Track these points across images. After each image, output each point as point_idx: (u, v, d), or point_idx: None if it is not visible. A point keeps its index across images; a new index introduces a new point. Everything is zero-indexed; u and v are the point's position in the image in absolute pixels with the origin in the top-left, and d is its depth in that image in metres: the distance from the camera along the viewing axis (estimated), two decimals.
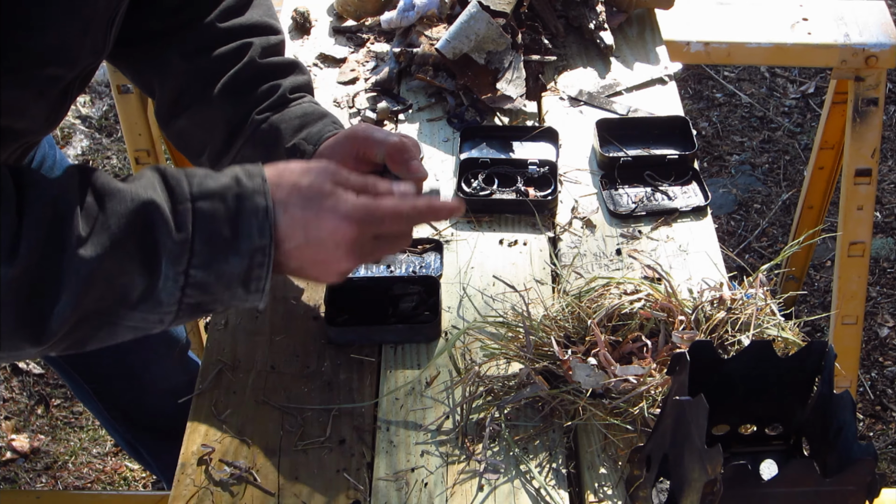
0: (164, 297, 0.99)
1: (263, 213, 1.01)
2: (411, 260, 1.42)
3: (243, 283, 1.02)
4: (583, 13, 1.86)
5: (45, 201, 0.94)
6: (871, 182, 2.24)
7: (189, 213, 0.99)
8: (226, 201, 1.00)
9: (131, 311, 0.99)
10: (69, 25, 1.04)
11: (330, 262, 1.05)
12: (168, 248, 0.97)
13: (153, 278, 0.98)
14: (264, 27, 1.32)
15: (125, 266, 0.96)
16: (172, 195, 0.99)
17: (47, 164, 1.63)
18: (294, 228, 1.03)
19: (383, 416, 1.22)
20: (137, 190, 0.98)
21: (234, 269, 1.01)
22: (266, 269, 1.02)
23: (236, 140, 1.26)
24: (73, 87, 1.16)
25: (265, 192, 1.02)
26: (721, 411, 1.09)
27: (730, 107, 3.77)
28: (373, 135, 1.16)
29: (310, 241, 1.03)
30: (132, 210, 0.97)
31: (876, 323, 3.01)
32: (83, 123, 3.74)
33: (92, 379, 1.91)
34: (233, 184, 1.02)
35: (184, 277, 0.99)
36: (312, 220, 1.03)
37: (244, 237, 1.00)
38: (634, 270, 1.39)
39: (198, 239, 0.99)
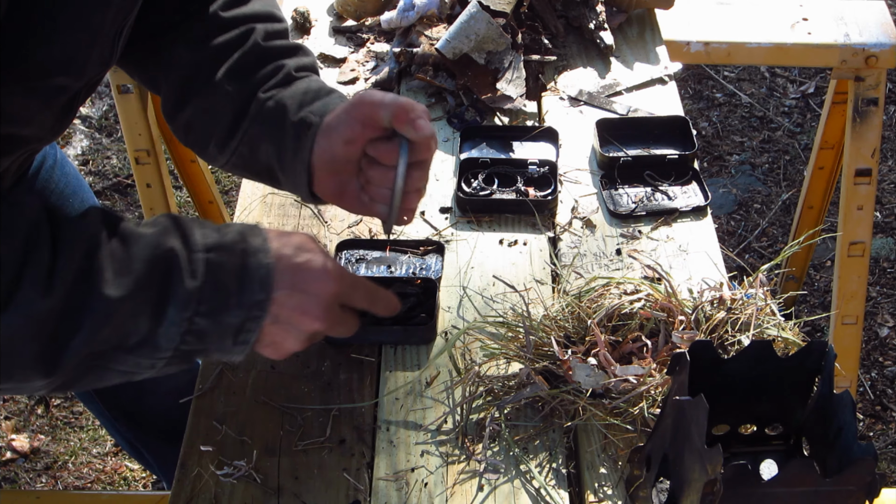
0: (163, 343, 1.02)
1: (265, 270, 1.05)
2: (412, 261, 1.41)
3: (235, 336, 1.06)
4: (583, 13, 1.86)
5: (78, 237, 0.97)
6: (871, 182, 2.24)
7: (202, 263, 1.03)
8: (233, 255, 1.05)
9: (126, 355, 1.02)
10: (77, 37, 1.05)
11: (306, 315, 1.08)
12: (179, 294, 1.01)
13: (157, 323, 1.01)
14: (267, 15, 1.32)
15: (139, 309, 0.99)
16: (187, 243, 1.03)
17: (48, 164, 1.64)
18: (284, 276, 1.07)
19: (383, 416, 1.22)
20: (159, 236, 1.02)
21: (233, 320, 1.05)
22: (258, 323, 1.06)
23: (242, 121, 1.26)
24: (80, 95, 1.17)
25: (267, 251, 1.06)
26: (721, 411, 1.09)
27: (730, 107, 3.77)
28: (377, 98, 1.16)
29: (296, 289, 1.07)
30: (157, 256, 1.00)
31: (876, 323, 3.01)
32: (83, 123, 3.75)
33: None
34: (239, 239, 1.06)
35: (188, 324, 1.02)
36: (302, 269, 1.08)
37: (247, 291, 1.04)
38: (634, 270, 1.39)
39: (207, 288, 1.02)
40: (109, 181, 3.52)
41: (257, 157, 1.27)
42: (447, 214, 1.51)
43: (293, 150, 1.21)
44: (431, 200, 1.53)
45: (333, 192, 1.24)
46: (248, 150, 1.26)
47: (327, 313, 1.10)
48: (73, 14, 1.03)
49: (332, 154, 1.19)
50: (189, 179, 2.64)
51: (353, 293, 1.14)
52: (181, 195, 3.28)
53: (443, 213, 1.52)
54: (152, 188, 2.42)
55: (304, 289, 1.08)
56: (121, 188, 3.50)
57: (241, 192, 1.58)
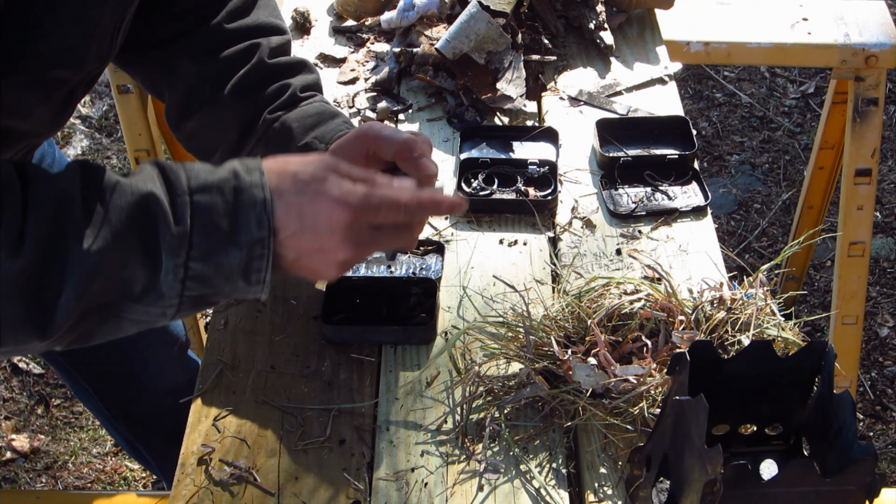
0: (165, 290, 0.99)
1: (261, 206, 1.01)
2: (412, 261, 1.42)
3: (244, 276, 1.02)
4: (583, 13, 1.86)
5: (48, 196, 0.94)
6: (871, 182, 2.24)
7: (187, 206, 0.99)
8: (224, 194, 1.00)
9: (134, 304, 0.99)
10: (76, 30, 1.05)
11: (327, 250, 1.04)
12: (167, 240, 0.97)
13: (154, 270, 0.98)
14: (271, 27, 1.32)
15: (127, 259, 0.96)
16: (171, 188, 0.99)
17: (46, 162, 1.64)
18: (289, 215, 1.02)
19: (383, 416, 1.22)
20: (137, 183, 0.98)
21: (233, 262, 1.01)
22: (266, 262, 1.02)
23: (248, 140, 1.26)
24: (78, 90, 1.17)
25: (263, 185, 1.01)
26: (721, 411, 1.09)
27: (730, 107, 3.77)
28: (382, 133, 1.16)
29: (305, 227, 1.02)
30: (133, 203, 0.97)
31: (876, 323, 3.01)
32: (83, 123, 3.74)
33: (92, 378, 1.91)
34: (230, 177, 1.01)
35: (183, 270, 0.99)
36: (307, 205, 1.02)
37: (242, 230, 1.00)
38: (634, 270, 1.39)
39: (196, 231, 0.99)
40: None
41: None
42: (447, 214, 1.51)
43: None
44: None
45: None
46: None
47: (350, 241, 1.04)
48: (71, 7, 1.03)
49: None
50: None
51: (377, 214, 1.06)
52: None
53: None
54: None
55: (313, 224, 1.02)
56: None
57: None
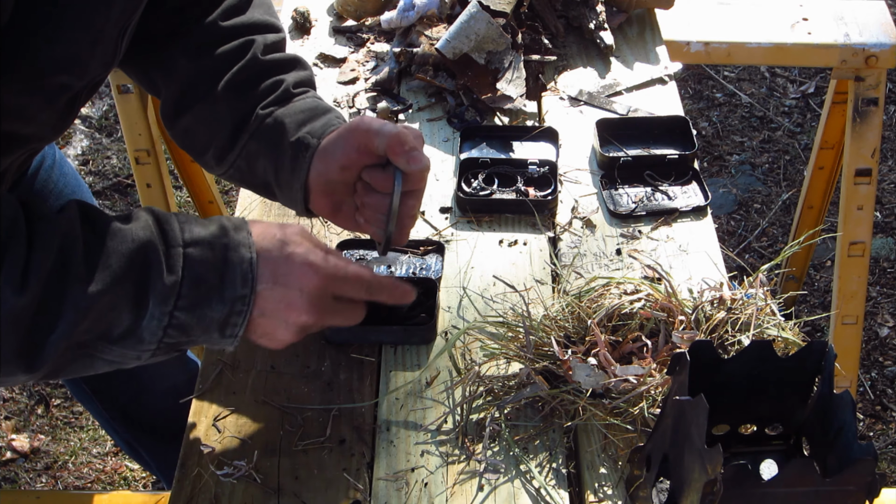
0: (146, 336, 1.03)
1: (248, 265, 1.06)
2: (412, 261, 1.41)
3: (220, 329, 1.07)
4: (583, 13, 1.86)
5: (53, 234, 0.97)
6: (871, 182, 2.24)
7: (180, 258, 1.03)
8: (214, 250, 1.05)
9: (111, 346, 1.03)
10: (80, 37, 1.05)
11: (292, 309, 1.09)
12: (158, 289, 1.01)
13: (139, 316, 1.02)
14: (266, 25, 1.33)
15: (118, 302, 1.00)
16: (165, 238, 1.04)
17: (47, 164, 1.64)
18: (265, 272, 1.07)
19: (383, 416, 1.22)
20: (136, 231, 1.02)
21: (215, 315, 1.05)
22: (243, 318, 1.07)
23: (241, 136, 1.27)
24: (81, 95, 1.17)
25: (250, 245, 1.07)
26: (721, 411, 1.09)
27: (730, 107, 3.77)
28: (373, 126, 1.18)
29: (277, 284, 1.08)
30: (133, 250, 1.01)
31: (876, 323, 3.01)
32: (83, 123, 3.75)
33: (91, 378, 1.91)
34: (221, 234, 1.06)
35: (168, 318, 1.03)
36: (282, 264, 1.08)
37: (228, 286, 1.05)
38: (634, 270, 1.39)
39: (186, 283, 1.03)
40: (109, 181, 3.52)
41: (255, 171, 1.28)
42: (447, 214, 1.51)
43: (290, 170, 1.23)
44: (431, 200, 1.53)
45: (329, 211, 1.27)
46: (245, 164, 1.28)
47: (313, 306, 1.10)
48: (76, 13, 1.03)
49: (328, 177, 1.22)
50: (189, 179, 2.64)
51: (344, 285, 1.14)
52: (181, 195, 3.29)
53: (443, 213, 1.52)
54: (152, 188, 2.42)
55: (285, 283, 1.08)
56: (121, 188, 3.50)
57: (240, 192, 1.58)
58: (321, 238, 1.47)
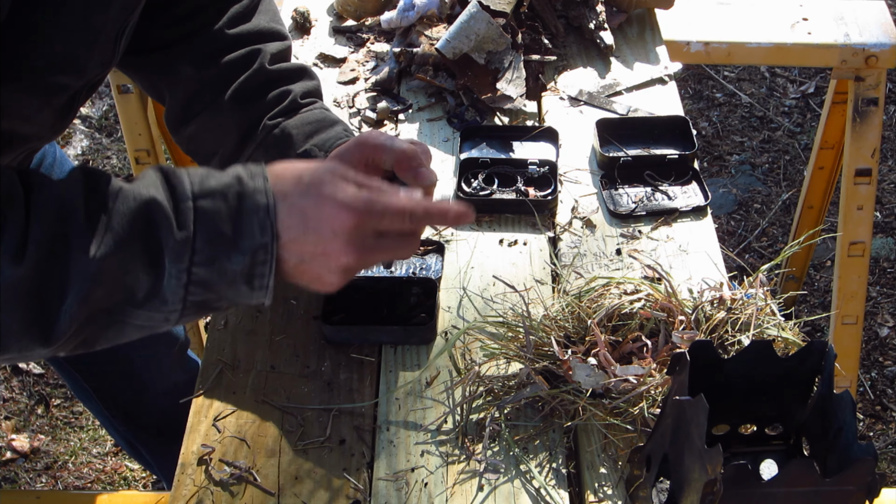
0: (168, 295, 0.99)
1: (264, 212, 1.00)
2: (412, 261, 1.42)
3: (247, 281, 1.02)
4: (583, 13, 1.86)
5: (51, 202, 0.94)
6: (871, 182, 2.24)
7: (190, 212, 0.99)
8: (227, 200, 1.00)
9: (137, 310, 0.99)
10: (78, 36, 1.05)
11: (329, 254, 1.03)
12: (170, 245, 0.97)
13: (157, 276, 0.98)
14: (272, 33, 1.33)
15: (130, 265, 0.96)
16: (174, 193, 0.99)
17: (47, 162, 1.64)
18: (292, 219, 1.01)
19: (383, 416, 1.22)
20: (140, 189, 0.98)
21: (236, 267, 1.00)
22: (269, 267, 1.01)
23: (247, 145, 1.26)
24: (80, 95, 1.17)
25: (266, 191, 1.01)
26: (721, 411, 1.09)
27: (730, 107, 3.77)
28: (382, 142, 1.16)
29: (308, 230, 1.02)
30: (135, 209, 0.97)
31: (876, 323, 3.01)
32: (83, 123, 3.74)
33: (91, 378, 1.91)
34: (234, 182, 1.01)
35: (186, 275, 0.98)
36: (310, 207, 1.02)
37: (246, 235, 1.00)
38: (634, 270, 1.39)
39: (199, 237, 0.98)
40: None
41: None
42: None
43: None
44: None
45: None
46: None
47: (353, 247, 1.03)
48: (74, 13, 1.03)
49: None
50: None
51: (382, 221, 1.04)
52: None
53: None
54: None
55: (317, 227, 1.01)
56: None
57: None
58: None
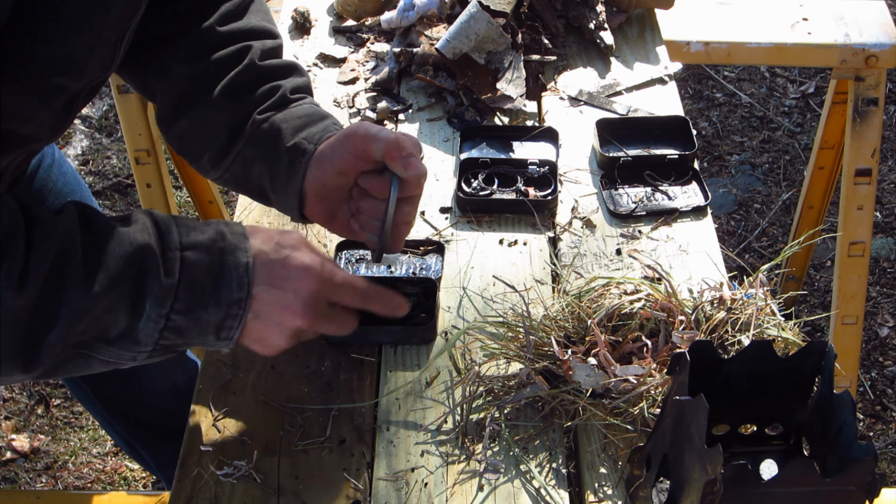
0: (142, 337, 1.04)
1: (244, 269, 1.07)
2: (412, 261, 1.41)
3: (216, 332, 1.08)
4: (583, 13, 1.86)
5: (51, 236, 0.98)
6: (871, 182, 2.24)
7: (177, 261, 1.04)
8: (211, 254, 1.06)
9: (108, 347, 1.04)
10: (78, 39, 1.06)
11: (286, 312, 1.09)
12: (155, 291, 1.02)
13: (136, 318, 1.02)
14: (263, 31, 1.33)
15: (115, 304, 1.01)
16: (163, 241, 1.04)
17: (46, 163, 1.64)
18: (262, 272, 1.08)
19: (383, 416, 1.22)
20: (134, 234, 1.03)
21: (211, 318, 1.06)
22: (239, 321, 1.08)
23: (237, 141, 1.27)
24: (79, 97, 1.17)
25: (247, 249, 1.08)
26: (721, 411, 1.09)
27: (730, 107, 3.77)
28: (371, 132, 1.18)
29: (273, 285, 1.08)
30: (130, 253, 1.02)
31: (876, 323, 3.01)
32: (83, 123, 3.75)
33: (90, 378, 1.91)
34: (218, 238, 1.07)
35: (164, 320, 1.04)
36: (280, 266, 1.09)
37: (224, 289, 1.06)
38: (634, 270, 1.39)
39: (183, 286, 1.04)
40: (109, 181, 3.52)
41: (250, 176, 1.28)
42: (447, 214, 1.51)
43: (286, 175, 1.23)
44: (431, 200, 1.53)
45: (324, 217, 1.27)
46: (241, 168, 1.28)
47: (309, 310, 1.10)
48: (74, 16, 1.03)
49: (324, 182, 1.22)
50: (189, 179, 2.64)
51: (339, 291, 1.14)
52: (181, 195, 3.29)
53: (443, 213, 1.52)
54: (152, 188, 2.42)
55: (281, 285, 1.09)
56: (121, 188, 3.50)
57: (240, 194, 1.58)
58: (320, 238, 1.47)
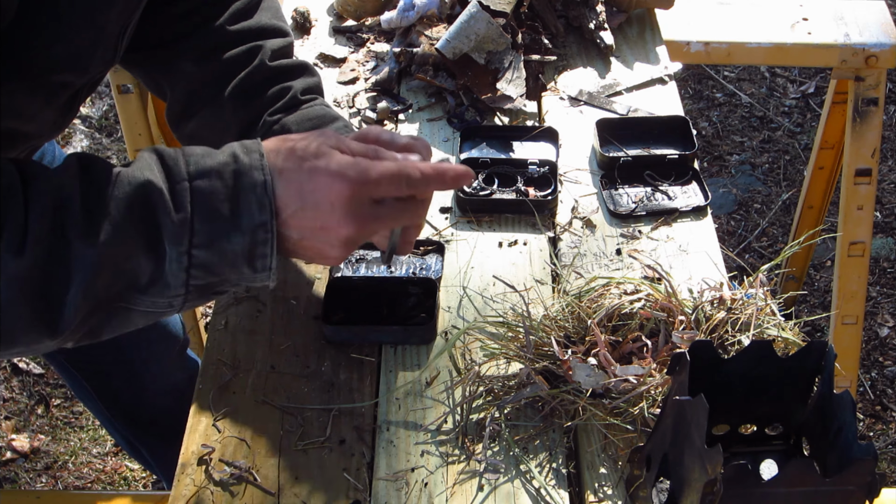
0: (170, 280, 0.98)
1: (262, 188, 0.99)
2: (412, 261, 1.42)
3: (248, 262, 1.01)
4: (583, 13, 1.86)
5: (48, 193, 0.93)
6: (871, 182, 2.24)
7: (187, 192, 0.98)
8: (223, 178, 0.99)
9: (141, 296, 0.98)
10: (82, 35, 1.05)
11: (329, 227, 1.02)
12: (168, 228, 0.96)
13: (159, 260, 0.97)
14: (273, 30, 1.33)
15: (130, 250, 0.95)
16: (170, 175, 0.98)
17: (46, 160, 1.64)
18: (289, 193, 1.01)
19: (383, 416, 1.22)
20: (134, 173, 0.97)
21: (236, 248, 0.99)
22: (270, 246, 1.00)
23: None
24: (82, 92, 1.17)
25: (263, 167, 1.00)
26: (721, 411, 1.09)
27: (730, 107, 3.78)
28: (381, 137, 1.16)
29: (305, 204, 1.01)
30: (131, 193, 0.96)
31: (876, 323, 3.01)
32: (83, 123, 3.74)
33: (92, 377, 1.91)
34: (230, 160, 1.00)
35: (187, 258, 0.98)
36: (306, 181, 1.01)
37: (244, 214, 0.99)
38: (634, 270, 1.39)
39: (197, 218, 0.97)
40: None
41: None
42: (447, 214, 1.51)
43: None
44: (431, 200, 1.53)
45: None
46: None
47: (352, 218, 1.02)
48: (78, 11, 1.03)
49: None
50: None
51: (378, 188, 1.03)
52: None
53: (443, 213, 1.52)
54: None
55: (314, 202, 1.01)
56: None
57: None
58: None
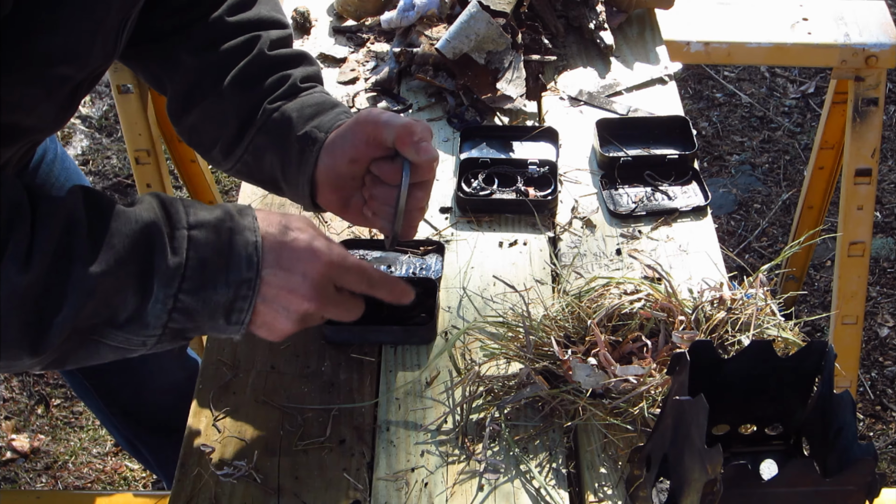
0: (150, 320, 1.02)
1: (252, 248, 1.05)
2: (412, 261, 1.42)
3: (226, 314, 1.06)
4: (583, 13, 1.86)
5: (57, 216, 0.97)
6: (871, 182, 2.24)
7: (185, 240, 1.03)
8: (219, 233, 1.05)
9: (117, 331, 1.02)
10: (81, 27, 1.05)
11: (294, 294, 1.08)
12: (162, 270, 1.01)
13: (144, 299, 1.01)
14: (272, 21, 1.33)
15: (122, 284, 0.99)
16: (170, 220, 1.03)
17: (49, 158, 1.64)
18: (270, 254, 1.07)
19: (383, 416, 1.22)
20: (140, 212, 1.02)
21: (220, 299, 1.05)
22: (249, 302, 1.06)
23: (248, 130, 1.27)
24: (83, 87, 1.17)
25: (255, 229, 1.07)
26: (721, 411, 1.09)
27: (730, 107, 3.77)
28: (382, 118, 1.18)
29: (281, 267, 1.07)
30: (137, 231, 1.00)
31: (876, 323, 3.01)
32: (83, 123, 3.74)
33: (92, 375, 1.91)
34: (226, 217, 1.06)
35: (173, 301, 1.02)
36: (287, 248, 1.08)
37: (233, 268, 1.04)
38: (634, 270, 1.39)
39: (190, 265, 1.02)
40: (109, 181, 3.52)
41: (261, 166, 1.28)
42: (447, 214, 1.51)
43: (297, 164, 1.23)
44: (431, 200, 1.53)
45: (337, 205, 1.26)
46: (252, 159, 1.28)
47: (316, 293, 1.09)
48: (77, 4, 1.03)
49: (336, 171, 1.22)
50: (189, 179, 2.64)
51: (346, 275, 1.13)
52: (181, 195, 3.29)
53: (443, 213, 1.52)
54: (152, 188, 2.42)
55: (289, 267, 1.07)
56: (121, 188, 3.50)
57: (240, 192, 1.58)
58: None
